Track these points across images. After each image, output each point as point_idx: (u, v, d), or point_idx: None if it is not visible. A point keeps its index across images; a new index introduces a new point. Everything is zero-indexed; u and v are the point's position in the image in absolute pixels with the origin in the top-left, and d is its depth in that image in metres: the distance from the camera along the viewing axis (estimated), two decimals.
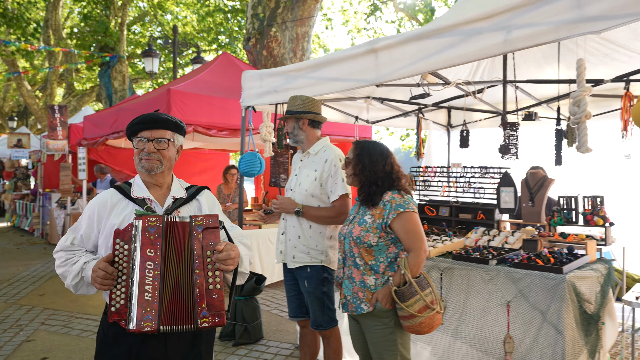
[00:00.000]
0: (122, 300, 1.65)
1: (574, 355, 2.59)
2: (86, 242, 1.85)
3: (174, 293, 1.64)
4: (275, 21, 9.12)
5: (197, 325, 1.62)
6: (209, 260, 1.67)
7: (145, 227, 1.65)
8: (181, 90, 5.33)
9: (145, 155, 1.80)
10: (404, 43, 2.85)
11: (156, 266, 1.63)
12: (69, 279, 1.78)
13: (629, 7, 1.99)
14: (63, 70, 19.94)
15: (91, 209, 1.86)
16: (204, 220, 1.70)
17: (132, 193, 1.83)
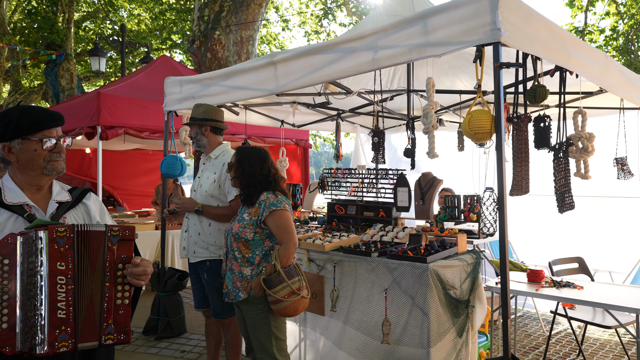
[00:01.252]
0: (5, 324, 1.46)
1: (439, 334, 2.95)
2: None
3: (89, 308, 1.54)
4: (220, 24, 9.29)
5: (100, 341, 1.54)
6: (119, 273, 1.59)
7: (53, 239, 1.51)
8: (111, 93, 5.45)
9: (57, 156, 1.67)
10: (297, 57, 3.16)
11: (69, 280, 1.52)
12: None
13: (460, 36, 2.35)
14: (9, 67, 19.32)
15: None
16: (121, 231, 1.60)
17: (5, 199, 1.62)
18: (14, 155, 1.63)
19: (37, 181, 1.68)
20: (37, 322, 1.46)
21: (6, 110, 1.68)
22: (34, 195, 1.68)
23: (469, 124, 2.29)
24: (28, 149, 1.62)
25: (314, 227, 4.16)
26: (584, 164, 2.93)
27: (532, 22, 2.47)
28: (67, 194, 1.77)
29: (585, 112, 3.01)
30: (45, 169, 1.65)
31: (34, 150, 1.62)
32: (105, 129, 5.27)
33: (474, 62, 2.30)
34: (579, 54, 2.89)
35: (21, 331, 1.46)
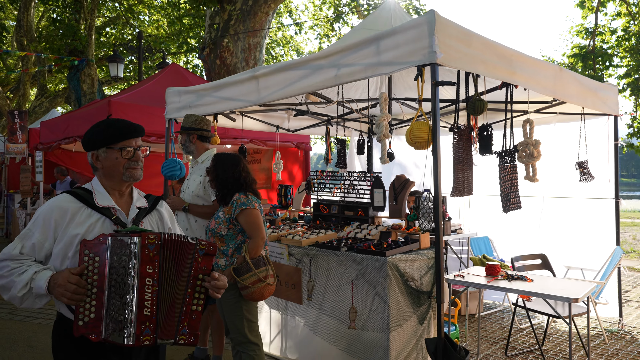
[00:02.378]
0: (93, 314, 1.61)
1: (399, 321, 3.29)
2: (38, 251, 1.73)
3: (170, 309, 1.69)
4: (228, 32, 9.73)
5: (175, 339, 1.69)
6: (199, 283, 1.73)
7: (144, 244, 1.65)
8: (121, 101, 5.92)
9: (135, 164, 1.83)
10: (275, 72, 3.54)
11: (154, 282, 1.66)
12: (15, 290, 1.66)
13: (405, 57, 2.69)
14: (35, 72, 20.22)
15: (46, 215, 1.75)
16: (207, 246, 1.76)
17: (96, 201, 1.79)
18: (100, 162, 1.83)
19: (118, 186, 1.85)
20: (127, 316, 1.60)
21: (97, 123, 1.88)
22: (118, 200, 1.86)
23: (410, 135, 2.63)
24: (111, 157, 1.80)
25: (300, 224, 4.53)
26: (532, 168, 3.22)
27: (472, 43, 2.79)
28: (145, 201, 1.95)
29: (533, 120, 3.31)
30: (124, 175, 1.82)
31: (115, 158, 1.80)
32: None
33: (415, 80, 2.63)
34: (525, 69, 3.19)
35: (106, 322, 1.60)
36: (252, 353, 2.94)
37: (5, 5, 19.08)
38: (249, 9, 9.64)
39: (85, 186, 1.85)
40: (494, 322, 4.97)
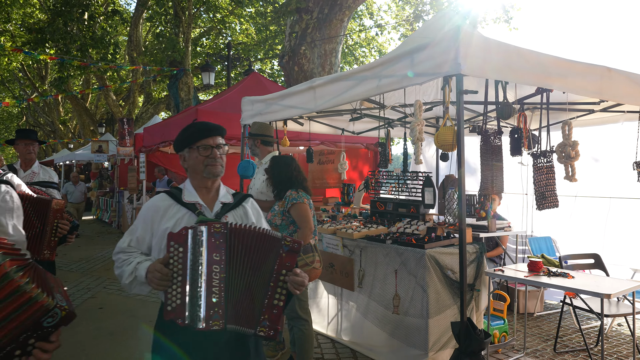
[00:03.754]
0: (179, 300, 1.70)
1: (438, 309, 3.57)
2: (141, 244, 1.95)
3: (245, 297, 1.75)
4: (305, 40, 10.35)
5: (255, 331, 1.74)
6: (282, 278, 1.77)
7: (211, 233, 1.73)
8: (207, 109, 6.73)
9: (213, 161, 1.93)
10: (328, 83, 3.97)
11: (222, 269, 1.72)
12: (124, 278, 1.88)
13: (435, 69, 2.99)
14: (142, 82, 22.60)
15: (145, 213, 1.96)
16: (292, 242, 1.80)
17: (183, 198, 1.94)
18: (185, 162, 2.00)
19: (203, 183, 1.98)
20: (198, 301, 1.69)
21: (187, 126, 2.04)
22: (204, 196, 1.98)
23: (437, 138, 2.93)
24: (192, 156, 1.95)
25: (358, 220, 4.93)
26: (571, 168, 3.32)
27: (498, 53, 3.01)
28: (231, 197, 2.04)
29: (571, 122, 3.39)
30: (204, 172, 1.93)
31: (195, 157, 1.94)
32: None
33: (442, 90, 2.92)
34: (562, 73, 3.31)
35: (189, 307, 1.69)
36: (302, 327, 3.42)
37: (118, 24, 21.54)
38: (324, 17, 10.18)
39: (180, 186, 2.03)
40: (553, 321, 4.98)
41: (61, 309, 1.26)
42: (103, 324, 4.80)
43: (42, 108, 33.92)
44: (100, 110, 30.30)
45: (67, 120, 34.11)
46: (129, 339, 4.40)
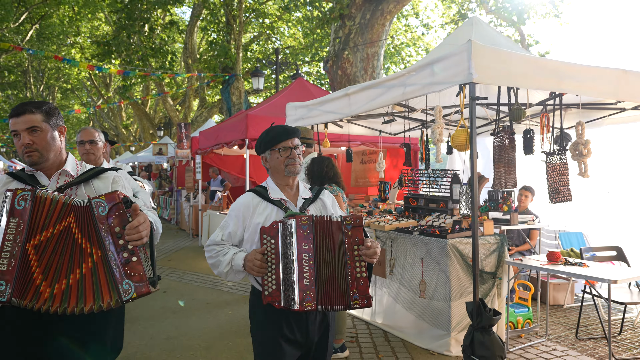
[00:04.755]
0: (274, 286, 1.92)
1: (460, 293, 3.93)
2: (233, 238, 2.13)
3: (330, 279, 1.93)
4: (348, 45, 10.81)
5: (350, 305, 1.94)
6: (356, 253, 1.94)
7: (299, 225, 1.93)
8: (255, 114, 7.35)
9: (292, 160, 2.11)
10: (361, 91, 4.43)
11: (310, 257, 1.92)
12: (221, 267, 2.07)
13: (451, 77, 3.38)
14: (197, 87, 23.89)
15: (237, 210, 2.15)
16: (352, 219, 1.97)
17: (270, 195, 2.13)
18: (267, 163, 2.18)
19: (284, 181, 2.16)
20: (292, 286, 1.90)
21: (268, 129, 2.24)
22: (287, 193, 2.16)
23: (452, 139, 3.32)
24: (273, 157, 2.14)
25: (392, 214, 5.33)
26: (584, 165, 3.58)
27: (510, 62, 3.35)
28: (309, 192, 2.24)
29: (583, 122, 3.64)
30: (285, 171, 2.11)
31: (276, 158, 2.12)
32: (251, 141, 7.17)
33: (457, 96, 3.31)
34: (575, 77, 3.59)
35: (283, 292, 1.91)
36: None
37: (174, 33, 22.89)
38: (366, 23, 10.59)
39: (263, 184, 2.21)
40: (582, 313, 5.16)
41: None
42: (167, 304, 5.49)
43: (106, 113, 36.27)
44: (158, 115, 32.07)
45: (129, 124, 36.40)
46: (191, 315, 5.04)
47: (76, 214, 1.69)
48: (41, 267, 1.66)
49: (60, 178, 1.95)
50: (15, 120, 1.86)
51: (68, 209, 1.70)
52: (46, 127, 1.89)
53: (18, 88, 34.33)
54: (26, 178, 1.90)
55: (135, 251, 1.69)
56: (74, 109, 38.23)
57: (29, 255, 1.65)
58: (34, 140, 1.86)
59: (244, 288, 6.24)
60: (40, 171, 1.94)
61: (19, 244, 1.64)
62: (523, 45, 17.45)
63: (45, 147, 1.88)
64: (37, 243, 1.66)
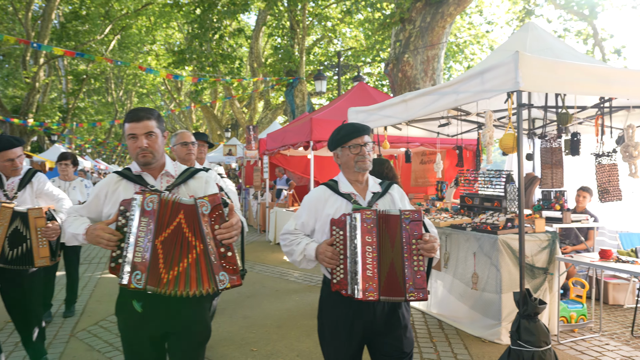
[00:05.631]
0: (342, 274, 2.02)
1: (511, 286, 4.18)
2: (305, 227, 2.25)
3: (390, 271, 1.99)
4: (409, 48, 11.07)
5: (405, 297, 1.99)
6: (414, 247, 1.99)
7: (363, 219, 2.00)
8: (320, 118, 7.87)
9: (362, 157, 2.18)
10: (417, 97, 4.79)
11: (374, 249, 1.99)
12: (295, 255, 2.19)
13: (500, 86, 3.68)
14: (262, 90, 24.96)
15: (309, 202, 2.26)
16: (411, 214, 2.01)
17: (340, 189, 2.21)
18: (339, 159, 2.29)
19: (355, 177, 2.25)
20: (356, 276, 1.98)
21: (339, 127, 2.32)
22: (357, 187, 2.25)
23: (501, 143, 3.61)
24: (344, 154, 2.24)
25: (449, 213, 5.63)
26: (634, 166, 3.72)
27: (557, 70, 3.59)
28: (379, 187, 2.30)
29: (634, 125, 3.78)
30: (355, 167, 2.20)
31: (347, 154, 2.22)
32: (315, 143, 7.71)
33: (505, 103, 3.60)
34: (625, 82, 3.75)
35: (349, 281, 2.01)
36: None
37: (241, 39, 24.07)
38: (426, 26, 10.81)
39: (335, 178, 2.31)
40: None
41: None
42: (241, 290, 6.13)
43: (177, 116, 38.52)
44: (225, 117, 33.64)
45: (199, 126, 38.50)
46: (262, 300, 5.63)
47: (185, 212, 1.90)
48: (163, 258, 1.87)
49: (164, 178, 2.14)
50: (134, 125, 2.03)
51: (179, 208, 1.90)
52: (158, 132, 2.09)
53: (101, 94, 37.42)
54: (134, 178, 2.10)
55: (230, 247, 1.90)
56: None
57: (157, 249, 1.87)
58: (150, 143, 2.04)
59: (309, 278, 6.78)
60: (147, 172, 2.12)
61: (149, 240, 1.86)
62: (596, 40, 16.75)
63: (157, 149, 2.07)
64: (162, 239, 1.88)
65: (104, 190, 2.11)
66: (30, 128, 21.74)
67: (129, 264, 1.82)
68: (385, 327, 2.19)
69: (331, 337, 2.22)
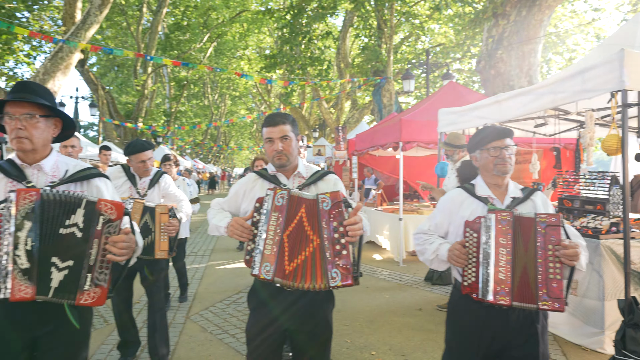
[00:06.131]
0: (473, 277, 1.96)
1: (615, 294, 4.00)
2: (439, 229, 2.25)
3: (522, 276, 1.91)
4: (502, 44, 10.68)
5: (537, 306, 1.88)
6: (550, 253, 1.88)
7: (498, 220, 1.94)
8: (408, 119, 7.93)
9: (502, 160, 2.13)
10: (512, 98, 4.72)
11: (508, 252, 1.91)
12: (427, 254, 2.19)
13: (602, 85, 3.55)
14: (349, 89, 25.31)
15: (444, 204, 2.27)
16: (547, 218, 1.92)
17: (477, 192, 2.18)
18: (477, 162, 2.25)
19: (493, 180, 2.20)
20: (488, 277, 1.92)
21: (479, 130, 2.28)
22: (495, 191, 2.20)
23: (603, 144, 3.49)
24: (483, 156, 2.20)
25: None
26: None
27: None
28: (520, 192, 2.21)
29: None
30: (494, 170, 2.15)
31: (486, 157, 2.18)
32: (405, 144, 7.79)
33: (608, 103, 3.48)
34: None
35: (481, 283, 1.94)
36: None
37: (330, 41, 24.59)
38: (522, 20, 10.36)
39: (472, 182, 2.29)
40: None
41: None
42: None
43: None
44: (312, 117, 34.49)
45: None
46: (354, 295, 5.86)
47: (306, 206, 1.98)
48: (288, 251, 1.94)
49: (295, 179, 2.27)
50: (271, 130, 2.15)
51: (301, 202, 1.99)
52: (292, 135, 2.19)
53: (199, 97, 40.17)
54: (270, 178, 2.26)
55: (346, 246, 1.91)
56: (240, 113, 43.27)
57: (284, 243, 1.94)
58: (284, 146, 2.15)
59: (398, 277, 6.90)
60: (281, 172, 2.26)
61: (278, 234, 1.94)
62: None
63: (291, 152, 2.18)
64: (288, 233, 1.96)
65: (242, 188, 2.30)
66: (140, 131, 24.04)
67: (260, 255, 1.93)
68: (518, 339, 2.05)
69: (457, 345, 2.19)
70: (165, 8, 23.58)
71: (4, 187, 1.87)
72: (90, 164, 2.86)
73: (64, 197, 1.77)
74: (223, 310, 5.23)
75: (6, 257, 1.71)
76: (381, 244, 9.04)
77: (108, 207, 1.80)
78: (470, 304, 2.06)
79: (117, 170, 3.65)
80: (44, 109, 1.89)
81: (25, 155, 1.91)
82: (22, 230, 1.73)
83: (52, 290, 1.74)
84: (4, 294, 1.69)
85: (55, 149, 2.02)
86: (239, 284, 6.51)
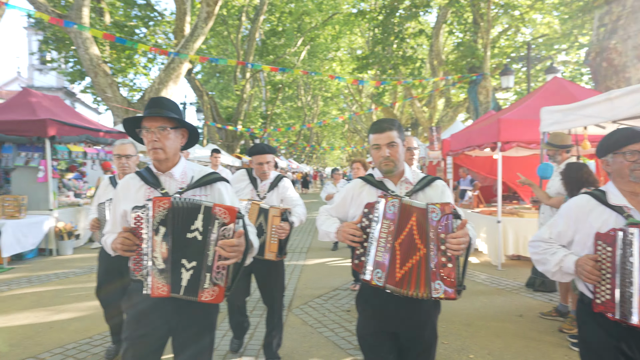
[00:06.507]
0: (608, 295, 1.83)
1: None
2: (561, 238, 2.10)
3: None
4: (616, 33, 9.81)
5: None
6: None
7: None
8: (507, 118, 7.65)
9: (638, 165, 1.94)
10: (626, 95, 4.42)
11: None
12: (548, 265, 2.07)
13: None
14: (443, 87, 24.69)
15: (569, 211, 2.10)
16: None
17: (609, 200, 2.00)
18: (609, 167, 2.07)
19: (628, 187, 2.01)
20: (630, 298, 1.77)
21: (612, 132, 2.09)
22: (632, 200, 2.01)
23: None
24: (617, 160, 2.02)
25: None
26: None
27: None
28: None
29: None
30: (630, 176, 1.98)
31: (620, 162, 2.00)
32: (503, 144, 7.53)
33: None
34: None
35: (618, 303, 1.81)
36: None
37: (423, 39, 24.18)
38: (638, 5, 9.44)
39: (601, 188, 2.12)
40: None
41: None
42: None
43: (359, 117, 40.44)
44: (404, 115, 34.12)
45: None
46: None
47: (417, 214, 1.97)
48: (400, 259, 1.96)
49: (403, 185, 2.27)
50: (378, 136, 2.17)
51: (412, 210, 1.99)
52: (399, 141, 2.18)
53: (292, 99, 41.60)
54: (377, 183, 2.27)
55: (452, 258, 1.90)
56: (332, 114, 44.06)
57: (396, 251, 1.96)
58: (391, 153, 2.16)
59: (496, 282, 6.71)
60: (388, 178, 2.28)
61: (390, 241, 1.97)
62: None
63: (398, 158, 2.18)
64: (400, 241, 1.97)
65: (350, 194, 2.33)
66: (240, 133, 25.56)
67: (371, 262, 1.97)
68: None
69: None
70: (262, 15, 24.80)
71: (143, 193, 2.13)
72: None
73: (187, 203, 1.96)
74: (321, 306, 5.50)
75: (146, 258, 1.95)
76: (477, 247, 8.82)
77: (222, 212, 1.94)
78: (602, 323, 1.93)
79: (241, 174, 3.91)
80: (173, 121, 2.11)
81: (159, 164, 2.16)
82: (158, 235, 1.95)
83: (182, 289, 1.95)
84: (146, 290, 1.96)
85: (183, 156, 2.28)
86: (335, 281, 6.77)
